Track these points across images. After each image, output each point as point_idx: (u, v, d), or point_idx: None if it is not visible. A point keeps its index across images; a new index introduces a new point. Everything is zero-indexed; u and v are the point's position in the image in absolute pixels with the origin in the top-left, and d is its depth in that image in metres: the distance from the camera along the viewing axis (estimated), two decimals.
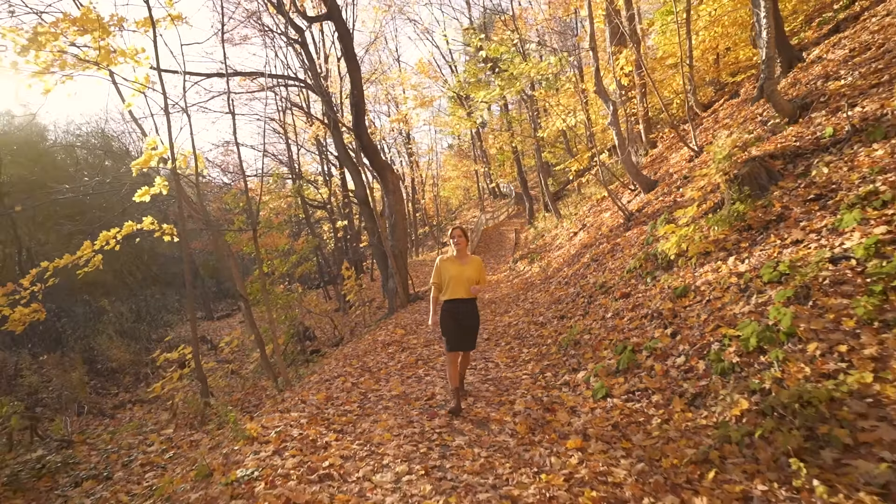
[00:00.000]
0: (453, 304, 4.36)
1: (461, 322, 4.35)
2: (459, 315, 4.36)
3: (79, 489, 4.71)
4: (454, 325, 4.34)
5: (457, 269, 4.38)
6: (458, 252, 4.47)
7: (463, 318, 4.36)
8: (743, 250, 4.86)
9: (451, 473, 3.15)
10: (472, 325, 4.44)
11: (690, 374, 3.88)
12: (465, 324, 4.38)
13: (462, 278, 4.33)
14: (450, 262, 4.45)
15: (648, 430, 3.46)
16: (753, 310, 3.96)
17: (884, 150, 4.48)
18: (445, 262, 4.47)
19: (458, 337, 4.34)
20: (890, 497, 2.28)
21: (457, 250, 4.47)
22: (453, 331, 4.33)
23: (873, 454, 2.52)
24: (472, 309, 4.44)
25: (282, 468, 3.33)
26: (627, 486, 2.81)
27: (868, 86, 5.69)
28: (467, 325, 4.39)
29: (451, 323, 4.34)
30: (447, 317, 4.37)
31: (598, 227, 11.00)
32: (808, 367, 3.15)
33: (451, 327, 4.34)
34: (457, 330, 4.33)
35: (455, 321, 4.34)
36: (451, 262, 4.45)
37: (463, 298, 4.35)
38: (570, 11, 18.95)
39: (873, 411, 2.72)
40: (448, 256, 4.52)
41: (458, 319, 4.35)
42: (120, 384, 11.05)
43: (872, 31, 7.19)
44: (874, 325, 3.17)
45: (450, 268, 4.40)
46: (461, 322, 4.35)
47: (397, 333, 8.34)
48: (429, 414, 4.36)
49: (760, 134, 6.84)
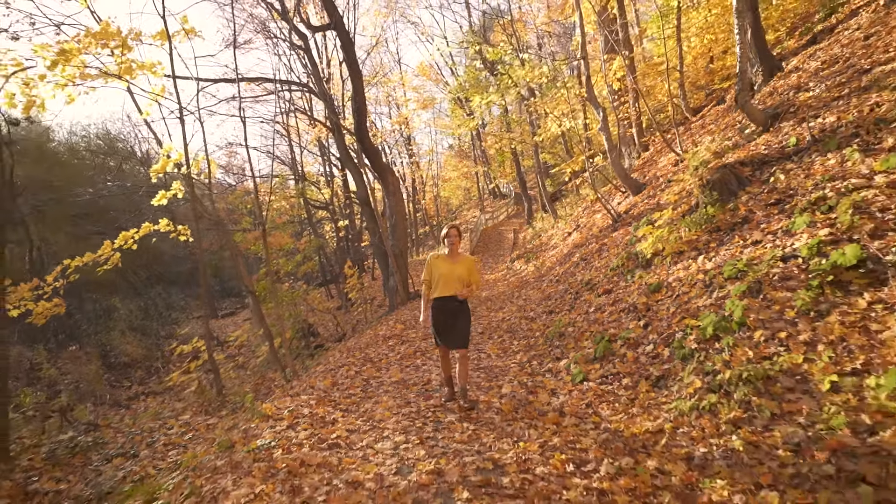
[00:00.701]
0: (441, 302, 4.35)
1: (448, 320, 4.34)
2: (447, 313, 4.35)
3: (110, 465, 5.21)
4: (442, 323, 4.36)
5: (447, 267, 4.36)
6: (451, 251, 4.44)
7: (450, 316, 4.35)
8: (711, 250, 5.35)
9: (442, 443, 3.64)
10: (460, 323, 4.37)
11: (656, 360, 4.37)
12: (453, 322, 4.34)
13: (452, 276, 4.31)
14: (441, 260, 4.44)
15: (616, 408, 3.96)
16: (714, 303, 4.46)
17: (835, 159, 4.96)
18: (436, 260, 4.46)
19: (445, 334, 4.36)
20: (800, 453, 2.77)
21: (449, 249, 4.43)
22: (441, 328, 4.37)
23: (794, 420, 3.01)
24: (461, 307, 4.40)
25: (296, 439, 3.83)
26: (591, 451, 3.30)
27: (831, 98, 6.16)
28: (454, 323, 4.35)
29: (440, 320, 4.36)
30: (436, 314, 4.39)
31: (589, 227, 11.49)
32: (752, 351, 3.64)
33: (440, 325, 4.36)
34: (444, 327, 4.35)
35: (443, 318, 4.35)
36: (442, 260, 4.43)
37: (451, 296, 4.33)
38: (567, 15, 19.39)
39: (800, 386, 3.21)
40: (439, 254, 4.51)
41: (445, 317, 4.35)
42: (132, 378, 11.57)
43: (843, 44, 7.66)
44: (810, 315, 3.66)
45: (440, 265, 4.39)
46: (448, 320, 4.34)
47: (397, 328, 8.84)
48: (424, 396, 4.85)
49: (737, 141, 7.32)
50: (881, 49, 6.31)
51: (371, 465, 3.29)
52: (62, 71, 7.02)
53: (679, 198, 7.02)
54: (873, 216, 3.98)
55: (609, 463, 3.11)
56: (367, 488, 2.97)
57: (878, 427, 2.66)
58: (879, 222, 3.89)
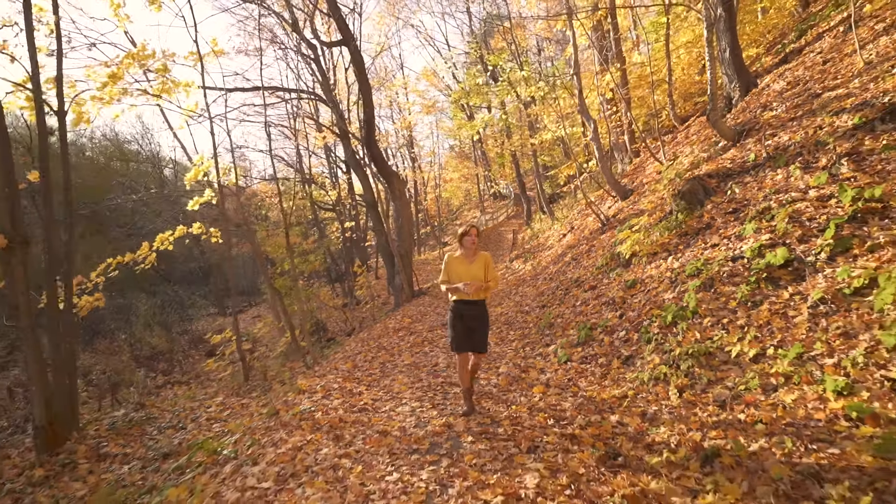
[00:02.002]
0: (461, 305, 4.24)
1: (468, 324, 4.22)
2: (466, 316, 4.23)
3: (163, 434, 6.10)
4: (461, 327, 4.22)
5: (464, 268, 4.25)
6: (468, 251, 4.32)
7: (470, 319, 4.23)
8: (679, 251, 6.23)
9: (449, 407, 4.53)
10: (479, 327, 4.26)
11: (627, 343, 5.25)
12: (473, 325, 4.22)
13: (469, 277, 4.18)
14: (457, 260, 4.33)
15: (591, 380, 4.84)
16: (676, 296, 5.34)
17: (782, 175, 5.84)
18: (453, 261, 4.34)
19: (465, 338, 4.22)
20: (725, 407, 3.64)
21: (467, 249, 4.32)
22: (460, 332, 4.22)
23: (724, 384, 3.88)
24: (481, 310, 4.30)
25: (331, 405, 4.72)
26: (569, 411, 4.18)
27: (788, 119, 7.03)
28: (474, 326, 4.23)
29: (458, 324, 4.23)
30: (454, 317, 4.25)
31: (582, 230, 12.37)
32: (700, 334, 4.53)
33: (458, 328, 4.22)
34: (463, 331, 4.21)
35: (462, 322, 4.22)
36: (459, 260, 4.32)
37: (471, 300, 4.24)
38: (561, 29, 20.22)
39: (732, 360, 4.09)
40: (455, 255, 4.38)
41: (465, 321, 4.23)
42: (157, 369, 12.44)
43: (806, 66, 8.53)
44: (747, 305, 4.53)
45: (457, 267, 4.28)
46: (468, 324, 4.22)
47: (405, 322, 9.73)
48: (433, 375, 5.73)
49: (710, 154, 8.19)
50: (832, 75, 7.19)
51: (395, 421, 4.18)
52: (110, 93, 7.89)
53: (655, 205, 7.89)
54: (803, 224, 4.86)
55: (581, 418, 3.99)
56: (394, 435, 3.86)
57: (780, 386, 3.54)
58: (806, 229, 4.76)
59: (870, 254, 4.05)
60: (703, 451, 3.16)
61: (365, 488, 3.03)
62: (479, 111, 28.25)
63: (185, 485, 3.87)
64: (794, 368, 3.59)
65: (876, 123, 5.32)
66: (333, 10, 11.69)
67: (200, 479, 3.83)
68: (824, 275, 4.20)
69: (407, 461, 3.39)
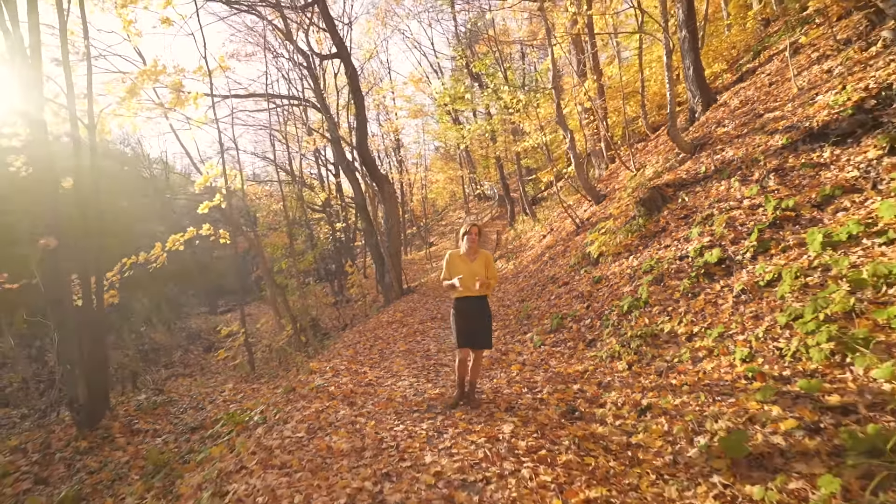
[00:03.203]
0: (463, 302, 4.38)
1: (471, 320, 4.35)
2: (469, 313, 4.36)
3: (185, 414, 6.88)
4: (464, 323, 4.34)
5: (466, 266, 4.36)
6: (469, 249, 4.43)
7: (474, 315, 4.36)
8: (639, 251, 7.19)
9: (441, 381, 5.41)
10: (482, 323, 4.39)
11: (591, 329, 6.19)
12: (476, 321, 4.36)
13: (471, 276, 4.29)
14: (459, 259, 4.43)
15: (560, 360, 5.76)
16: (632, 289, 6.29)
17: (725, 186, 6.82)
18: (455, 259, 4.44)
19: (469, 334, 4.34)
20: (662, 375, 4.58)
21: (468, 248, 4.43)
22: (463, 328, 4.35)
23: (663, 358, 4.82)
24: (483, 306, 4.42)
25: (340, 381, 5.57)
26: (540, 382, 5.09)
27: (735, 135, 8.04)
28: (478, 322, 4.36)
29: (461, 321, 4.36)
30: (457, 314, 4.39)
31: (560, 231, 13.34)
32: (648, 320, 5.48)
33: (461, 325, 4.35)
34: (466, 328, 4.34)
35: (465, 319, 4.35)
36: (461, 259, 4.42)
37: (473, 296, 4.37)
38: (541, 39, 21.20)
39: (672, 340, 5.03)
40: (457, 253, 4.47)
41: (467, 317, 4.35)
42: (159, 363, 13.11)
43: (756, 87, 9.57)
44: (688, 296, 5.49)
45: (459, 264, 4.39)
46: (471, 320, 4.35)
47: (397, 316, 10.59)
48: (426, 358, 6.60)
49: (672, 164, 9.19)
50: (773, 97, 8.22)
51: (397, 391, 5.06)
52: (128, 107, 8.61)
53: (621, 210, 8.85)
54: (736, 228, 5.83)
55: (549, 387, 4.90)
56: (397, 401, 4.73)
57: (704, 357, 4.48)
58: (738, 233, 5.73)
59: (782, 253, 5.02)
60: (640, 407, 4.09)
61: (378, 435, 3.90)
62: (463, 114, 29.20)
63: (222, 445, 4.70)
64: (715, 344, 4.55)
65: (798, 144, 6.33)
66: (329, 26, 12.49)
67: (236, 440, 4.65)
68: (747, 270, 5.17)
69: (410, 417, 4.27)
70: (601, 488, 2.92)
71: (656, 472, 3.14)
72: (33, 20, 5.99)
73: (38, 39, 5.96)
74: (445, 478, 3.13)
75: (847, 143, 5.67)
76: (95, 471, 5.36)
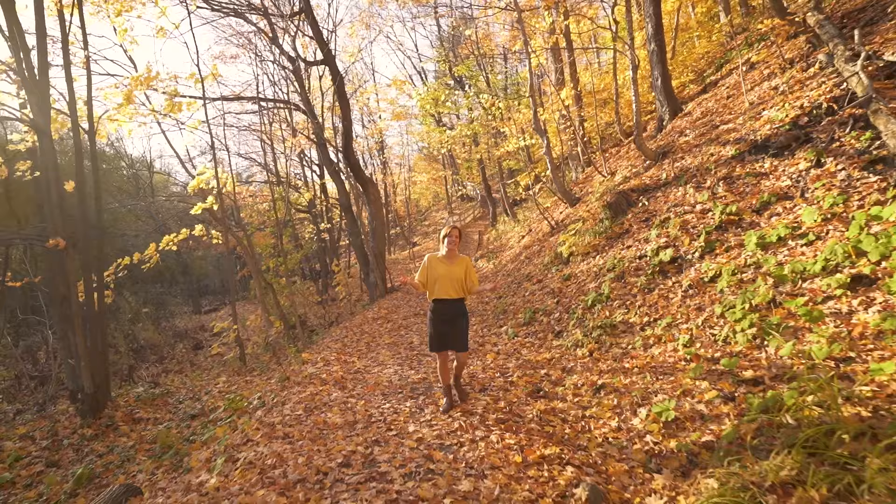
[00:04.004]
0: (441, 304, 4.34)
1: (448, 322, 4.34)
2: (447, 315, 4.34)
3: (183, 404, 7.34)
4: (441, 326, 4.33)
5: (445, 269, 4.32)
6: (449, 252, 4.39)
7: (451, 318, 4.34)
8: (605, 251, 7.85)
9: (423, 368, 5.98)
10: (459, 325, 4.37)
11: (559, 322, 6.82)
12: (453, 324, 4.34)
13: (451, 278, 4.29)
14: (438, 261, 4.38)
15: (531, 349, 6.38)
16: (597, 285, 6.93)
17: (681, 191, 7.51)
18: (434, 262, 4.39)
19: (445, 337, 4.34)
20: (618, 360, 5.20)
21: (448, 250, 4.39)
22: (440, 331, 4.34)
23: (620, 346, 5.46)
24: (461, 309, 4.40)
25: (331, 370, 6.10)
26: (511, 368, 5.69)
27: (694, 145, 8.76)
28: (454, 325, 4.35)
29: (438, 323, 4.34)
30: (434, 317, 4.37)
31: (537, 232, 14.01)
32: (609, 312, 6.12)
33: (438, 327, 4.34)
34: (444, 330, 4.33)
35: (442, 321, 4.33)
36: (440, 261, 4.38)
37: (451, 298, 4.32)
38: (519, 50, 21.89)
39: (628, 329, 5.67)
40: (437, 256, 4.44)
41: (445, 320, 4.33)
42: (149, 359, 13.44)
43: (716, 99, 10.32)
44: (644, 291, 6.14)
45: (438, 268, 4.34)
46: (448, 322, 4.34)
47: (382, 313, 11.12)
48: (409, 349, 7.16)
49: (638, 170, 9.89)
50: (728, 110, 8.95)
51: (383, 377, 5.61)
52: (124, 112, 9.01)
53: (590, 213, 9.53)
54: (688, 231, 6.51)
55: (519, 372, 5.51)
56: (384, 385, 5.29)
57: (654, 344, 5.12)
58: (690, 235, 6.41)
59: (725, 253, 5.69)
60: (596, 386, 4.71)
61: (368, 412, 4.45)
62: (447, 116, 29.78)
63: (225, 426, 5.20)
64: (663, 332, 5.20)
65: (745, 154, 7.03)
66: (316, 34, 12.95)
67: (239, 421, 5.17)
68: (695, 268, 5.84)
69: (395, 398, 4.83)
70: (555, 448, 3.52)
71: (603, 436, 3.76)
72: (41, 45, 6.40)
73: (45, 62, 6.37)
74: (426, 443, 3.70)
75: (784, 155, 6.38)
76: (103, 454, 5.81)
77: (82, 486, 4.87)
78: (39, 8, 6.26)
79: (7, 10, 6.04)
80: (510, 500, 2.80)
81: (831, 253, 4.43)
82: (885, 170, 4.95)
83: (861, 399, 2.90)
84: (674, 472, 3.10)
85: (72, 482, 4.84)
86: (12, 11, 6.13)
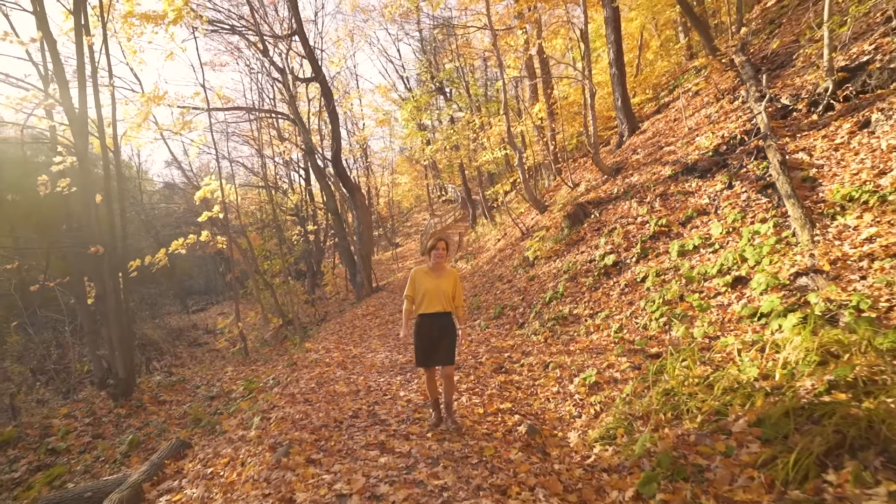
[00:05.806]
0: (428, 319, 4.18)
1: (435, 337, 4.16)
2: (434, 330, 4.16)
3: (199, 389, 8.45)
4: (427, 340, 4.18)
5: (432, 282, 4.18)
6: (436, 265, 4.27)
7: (437, 332, 4.16)
8: (563, 256, 9.17)
9: (408, 354, 7.21)
10: (446, 339, 4.18)
11: (523, 315, 8.12)
12: (439, 338, 4.16)
13: (438, 292, 4.15)
14: (425, 275, 4.25)
15: (498, 337, 7.66)
16: (555, 285, 8.25)
17: (628, 205, 8.86)
18: (420, 275, 4.26)
19: (432, 351, 4.18)
20: (565, 344, 6.50)
21: (434, 263, 4.26)
22: (427, 346, 4.18)
23: (568, 334, 6.76)
24: (448, 322, 4.23)
25: (332, 356, 7.30)
26: (482, 354, 6.96)
27: (642, 163, 10.13)
28: (441, 339, 4.17)
29: (425, 338, 4.18)
30: (420, 331, 4.21)
31: (510, 237, 15.33)
32: (562, 307, 7.43)
33: (425, 342, 4.19)
34: (429, 344, 4.17)
35: (429, 336, 4.17)
36: (427, 275, 4.24)
37: (438, 312, 4.17)
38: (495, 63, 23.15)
39: (576, 320, 6.97)
40: (423, 269, 4.31)
41: (431, 334, 4.16)
42: (150, 356, 14.38)
43: (666, 120, 11.75)
44: (592, 289, 7.46)
45: (425, 281, 4.20)
46: (435, 337, 4.16)
47: (370, 310, 12.32)
48: (397, 339, 8.39)
49: (597, 184, 11.25)
50: (673, 133, 10.36)
51: (377, 360, 6.84)
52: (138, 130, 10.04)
53: (553, 222, 10.87)
54: (629, 239, 7.85)
55: (487, 355, 6.78)
56: (378, 366, 6.52)
57: (594, 332, 6.43)
58: (630, 242, 7.75)
59: (654, 258, 7.04)
60: (546, 364, 6.00)
61: (367, 384, 5.68)
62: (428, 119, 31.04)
63: (247, 401, 6.37)
64: (602, 322, 6.52)
65: (679, 175, 8.41)
66: (308, 54, 14.07)
67: (259, 396, 6.34)
68: (631, 271, 7.17)
69: (387, 375, 6.06)
70: (508, 404, 4.79)
71: (545, 398, 5.04)
72: (82, 86, 7.49)
73: (84, 99, 7.46)
74: (413, 403, 4.94)
75: (706, 177, 7.76)
76: (140, 427, 6.93)
77: (134, 449, 5.99)
78: (81, 63, 7.40)
79: (54, 58, 7.18)
80: (474, 433, 4.06)
81: (725, 259, 5.79)
82: (771, 194, 6.34)
83: (709, 361, 4.23)
84: (589, 417, 4.39)
85: (126, 445, 5.96)
86: (57, 58, 7.26)
